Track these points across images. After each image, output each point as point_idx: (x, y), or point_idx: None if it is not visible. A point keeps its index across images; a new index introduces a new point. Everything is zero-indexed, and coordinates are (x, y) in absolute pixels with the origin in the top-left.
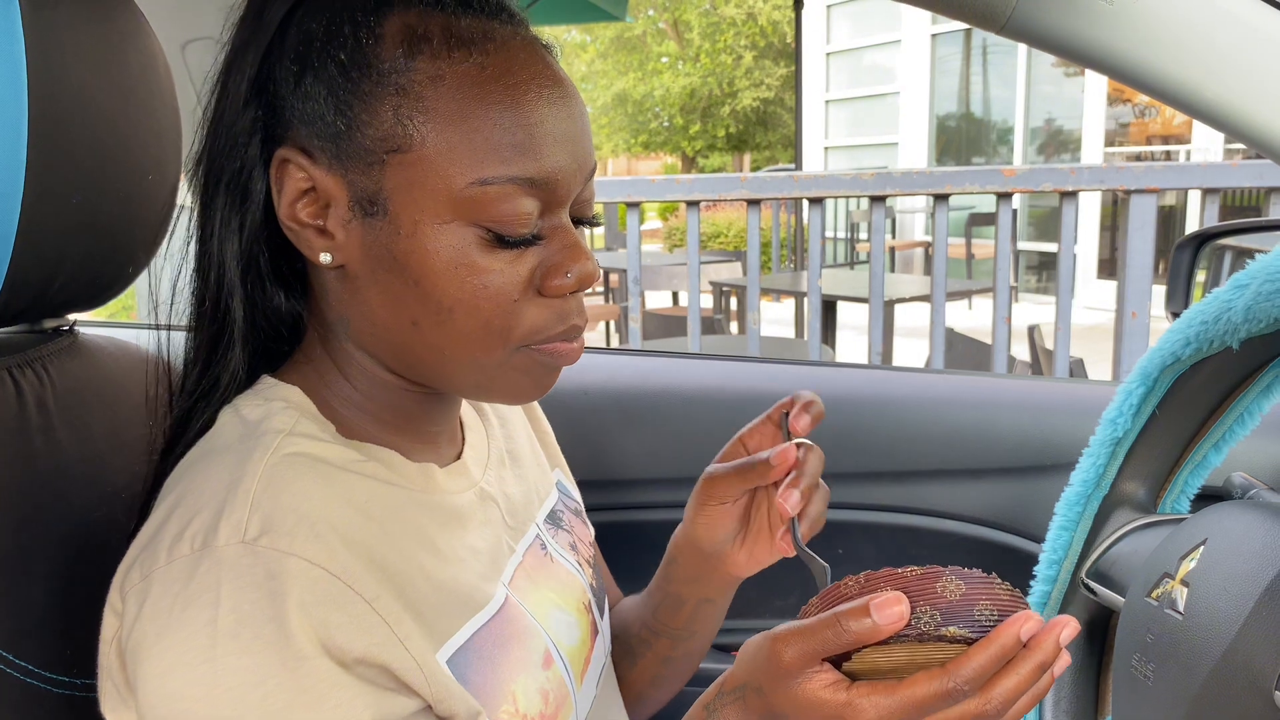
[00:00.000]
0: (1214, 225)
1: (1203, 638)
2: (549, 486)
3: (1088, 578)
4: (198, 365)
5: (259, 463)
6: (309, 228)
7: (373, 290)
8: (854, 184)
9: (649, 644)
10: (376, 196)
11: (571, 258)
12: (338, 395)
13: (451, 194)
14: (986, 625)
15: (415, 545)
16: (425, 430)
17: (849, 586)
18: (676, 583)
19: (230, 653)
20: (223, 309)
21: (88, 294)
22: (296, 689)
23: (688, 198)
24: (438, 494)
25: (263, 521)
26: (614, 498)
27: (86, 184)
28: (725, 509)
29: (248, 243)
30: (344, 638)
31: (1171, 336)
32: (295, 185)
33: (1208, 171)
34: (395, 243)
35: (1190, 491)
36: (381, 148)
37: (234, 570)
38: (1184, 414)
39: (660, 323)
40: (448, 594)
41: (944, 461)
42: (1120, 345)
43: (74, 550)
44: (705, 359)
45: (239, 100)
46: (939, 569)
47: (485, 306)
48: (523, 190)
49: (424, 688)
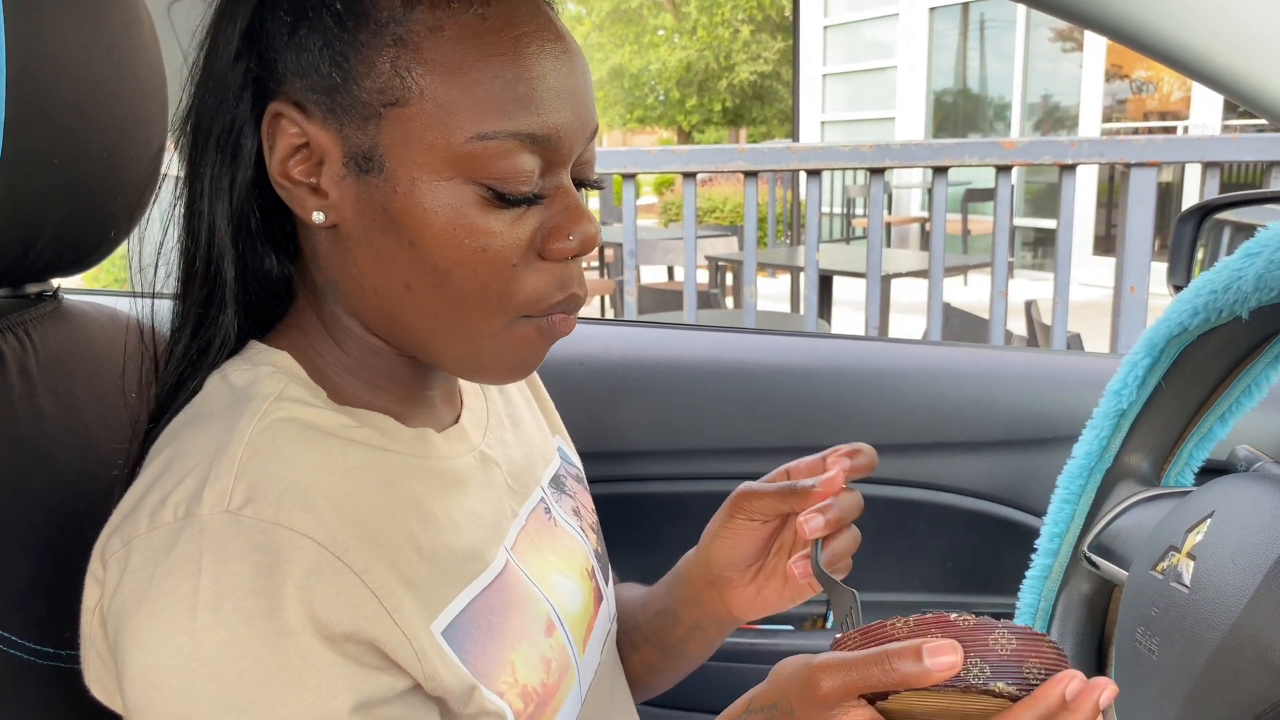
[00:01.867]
0: (1217, 197)
1: (1209, 611)
2: (551, 451)
3: (1090, 551)
4: (187, 329)
5: (245, 429)
6: (302, 185)
7: (365, 251)
8: (852, 156)
9: (636, 647)
10: (372, 152)
11: (573, 220)
12: (329, 360)
13: (450, 149)
14: (1032, 683)
15: (410, 513)
16: (421, 395)
17: (896, 628)
18: (676, 600)
19: (210, 625)
20: (213, 270)
21: (71, 258)
22: (276, 665)
23: (684, 169)
24: (435, 459)
25: (248, 490)
26: (609, 469)
27: (66, 144)
28: (752, 528)
29: (239, 202)
30: (331, 612)
31: (1179, 306)
32: (288, 141)
33: (1208, 145)
34: (391, 201)
35: (1195, 464)
36: (378, 101)
37: (217, 540)
38: (1190, 385)
39: (656, 297)
40: (443, 562)
41: (942, 434)
42: (1118, 320)
43: (60, 519)
44: (702, 330)
45: (229, 53)
46: (991, 621)
47: (484, 270)
48: (524, 146)
49: (413, 664)
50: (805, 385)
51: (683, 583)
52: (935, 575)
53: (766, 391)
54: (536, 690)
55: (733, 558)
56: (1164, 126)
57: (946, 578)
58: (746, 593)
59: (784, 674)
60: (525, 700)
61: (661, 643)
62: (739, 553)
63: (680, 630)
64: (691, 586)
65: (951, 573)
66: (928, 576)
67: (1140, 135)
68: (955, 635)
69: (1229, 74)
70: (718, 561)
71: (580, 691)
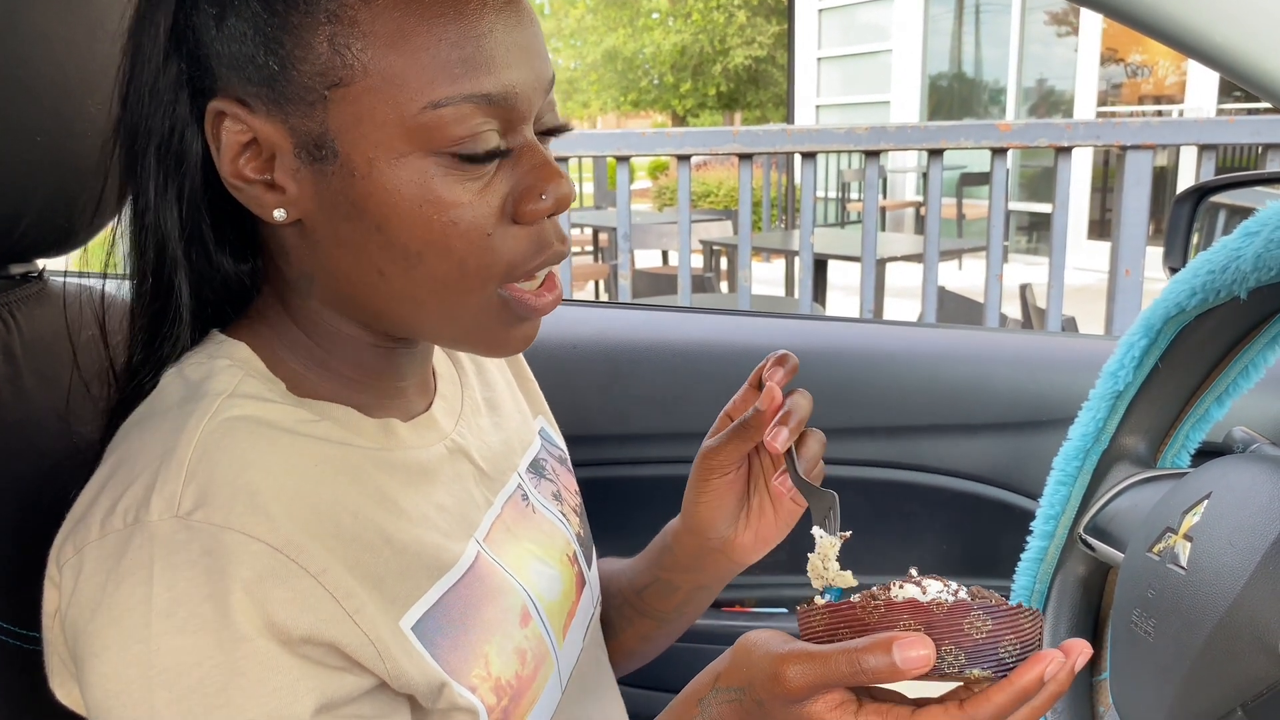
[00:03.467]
0: (1214, 178)
1: (1206, 593)
2: (531, 435)
3: (1085, 533)
4: (139, 344)
5: (195, 429)
6: (256, 183)
7: (333, 243)
8: (848, 138)
9: (630, 621)
10: (323, 139)
11: (544, 178)
12: (294, 351)
13: (403, 123)
14: (1009, 664)
15: (373, 508)
16: (391, 385)
17: (869, 611)
18: (670, 570)
19: (165, 633)
20: (165, 284)
21: (56, 238)
22: (234, 670)
23: (679, 151)
24: (399, 450)
25: (198, 493)
26: (604, 453)
27: (51, 122)
28: (726, 482)
29: (189, 211)
30: (287, 615)
31: (1176, 287)
32: (234, 139)
33: (1204, 127)
34: (350, 187)
35: (1191, 446)
36: (320, 84)
37: (167, 547)
38: (1187, 366)
39: (650, 281)
40: (411, 557)
41: (938, 416)
42: (1113, 303)
43: (45, 503)
44: (697, 313)
45: (157, 55)
46: (966, 602)
47: (458, 245)
48: (480, 109)
49: (376, 664)
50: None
51: (676, 555)
52: (930, 558)
53: None
54: (510, 683)
55: (719, 516)
56: (1158, 110)
57: (941, 560)
58: (744, 540)
59: (750, 659)
60: (498, 694)
61: (659, 613)
62: (723, 509)
63: (679, 596)
64: (688, 556)
65: (946, 555)
66: (922, 559)
67: (1136, 118)
68: (928, 621)
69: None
70: (706, 525)
71: (560, 680)
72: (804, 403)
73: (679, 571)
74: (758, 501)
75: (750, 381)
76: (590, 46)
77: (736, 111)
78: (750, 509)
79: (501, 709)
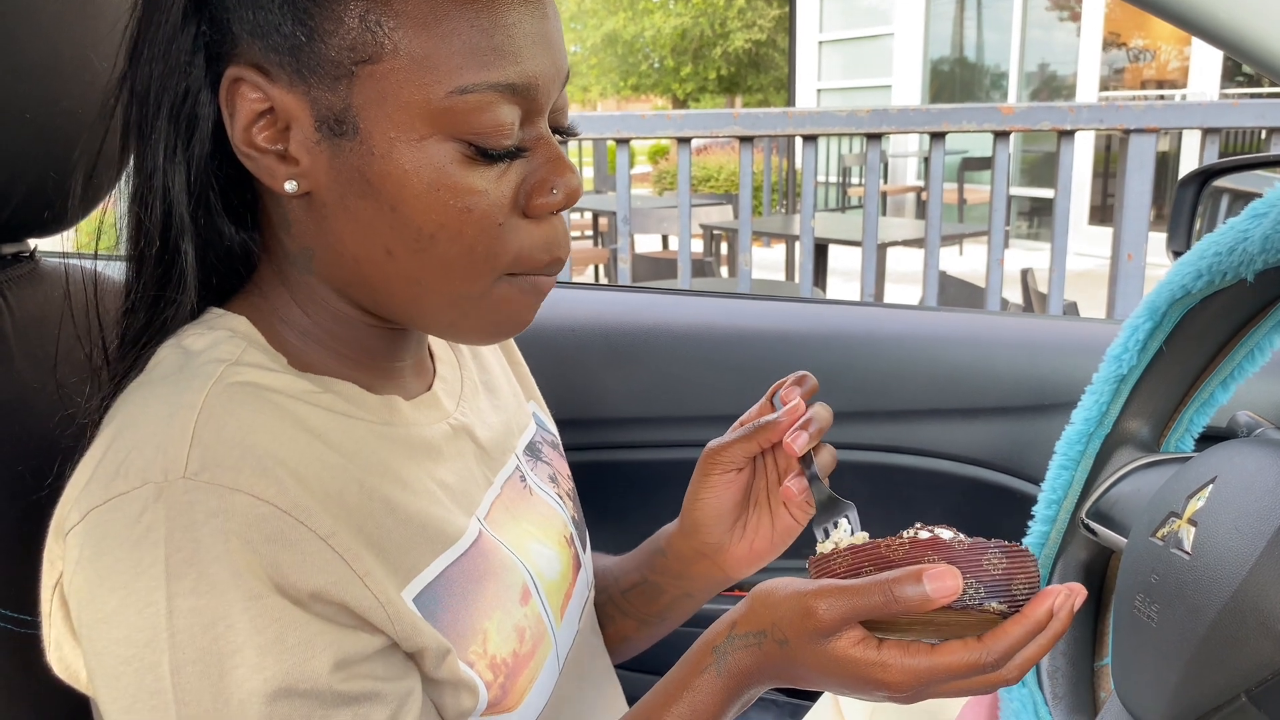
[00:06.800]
0: (1219, 161)
1: (1211, 578)
2: (526, 418)
3: (1088, 518)
4: (142, 310)
5: (199, 393)
6: (268, 154)
7: (342, 219)
8: (849, 121)
9: (612, 620)
10: (345, 114)
11: (556, 171)
12: (292, 327)
13: (428, 106)
14: (1020, 600)
15: (378, 478)
16: (388, 366)
17: (892, 549)
18: (659, 573)
19: (177, 594)
20: (171, 248)
21: (47, 217)
22: (250, 629)
23: (679, 134)
24: (403, 426)
25: (204, 455)
26: (602, 437)
27: (40, 99)
28: (729, 479)
29: (197, 175)
30: (297, 576)
31: (1182, 269)
32: (250, 107)
33: (1208, 110)
34: (368, 164)
35: (1195, 430)
36: (349, 59)
37: (176, 508)
38: (1192, 350)
39: (650, 266)
40: (415, 529)
41: (938, 400)
42: (1115, 288)
43: (36, 485)
44: (697, 296)
45: (175, 16)
46: (983, 542)
47: (469, 231)
48: (503, 98)
49: (387, 625)
50: (800, 351)
51: (667, 558)
52: None
53: (761, 357)
54: (506, 661)
55: (716, 517)
56: (1160, 95)
57: None
58: (738, 550)
59: (772, 600)
60: (494, 671)
61: (641, 614)
62: (721, 509)
63: (664, 600)
64: (679, 560)
65: None
66: None
67: (1139, 101)
68: (951, 558)
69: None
70: (703, 526)
71: (558, 660)
72: (825, 414)
73: (668, 576)
74: (756, 516)
75: (767, 397)
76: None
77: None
78: (748, 521)
79: (499, 686)
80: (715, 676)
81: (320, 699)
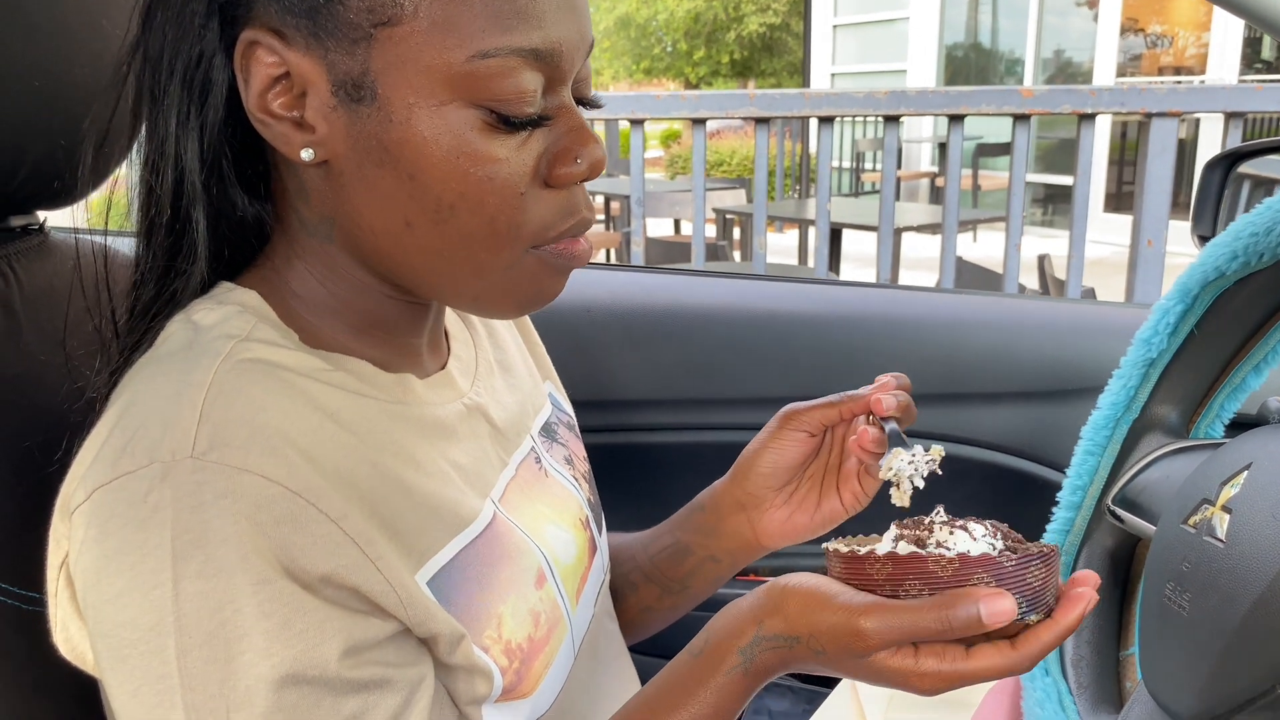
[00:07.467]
0: (1246, 144)
1: (1246, 566)
2: (542, 398)
3: (1114, 505)
4: (152, 281)
5: (209, 370)
6: (284, 120)
7: (360, 187)
8: (867, 102)
9: (635, 587)
10: (363, 79)
11: (579, 141)
12: (306, 301)
13: (449, 70)
14: (1051, 605)
15: (391, 458)
16: (405, 341)
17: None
18: (692, 531)
19: (183, 577)
20: (183, 217)
21: (57, 189)
22: (257, 614)
23: (694, 115)
24: (417, 405)
25: (212, 434)
26: (617, 419)
27: (48, 67)
28: (799, 440)
29: (210, 142)
30: (307, 560)
31: (1215, 251)
32: (265, 72)
33: (1231, 95)
34: (386, 131)
35: (1226, 416)
36: (368, 21)
37: (184, 488)
38: (1224, 333)
39: (663, 250)
40: (429, 510)
41: (959, 385)
42: (1134, 274)
43: (44, 459)
44: (712, 277)
45: None
46: (1029, 554)
47: (490, 201)
48: (526, 63)
49: (400, 610)
50: (818, 334)
51: (705, 512)
52: None
53: (778, 340)
54: (521, 646)
55: (772, 471)
56: (1178, 82)
57: None
58: (777, 515)
59: (808, 608)
60: (509, 656)
61: (664, 579)
62: (779, 465)
63: (690, 563)
64: (716, 512)
65: None
66: None
67: (1161, 84)
68: (1000, 576)
69: None
70: (755, 474)
71: (573, 645)
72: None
73: (700, 533)
74: (804, 491)
75: None
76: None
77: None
78: (795, 492)
79: (514, 671)
80: (741, 675)
81: (329, 686)
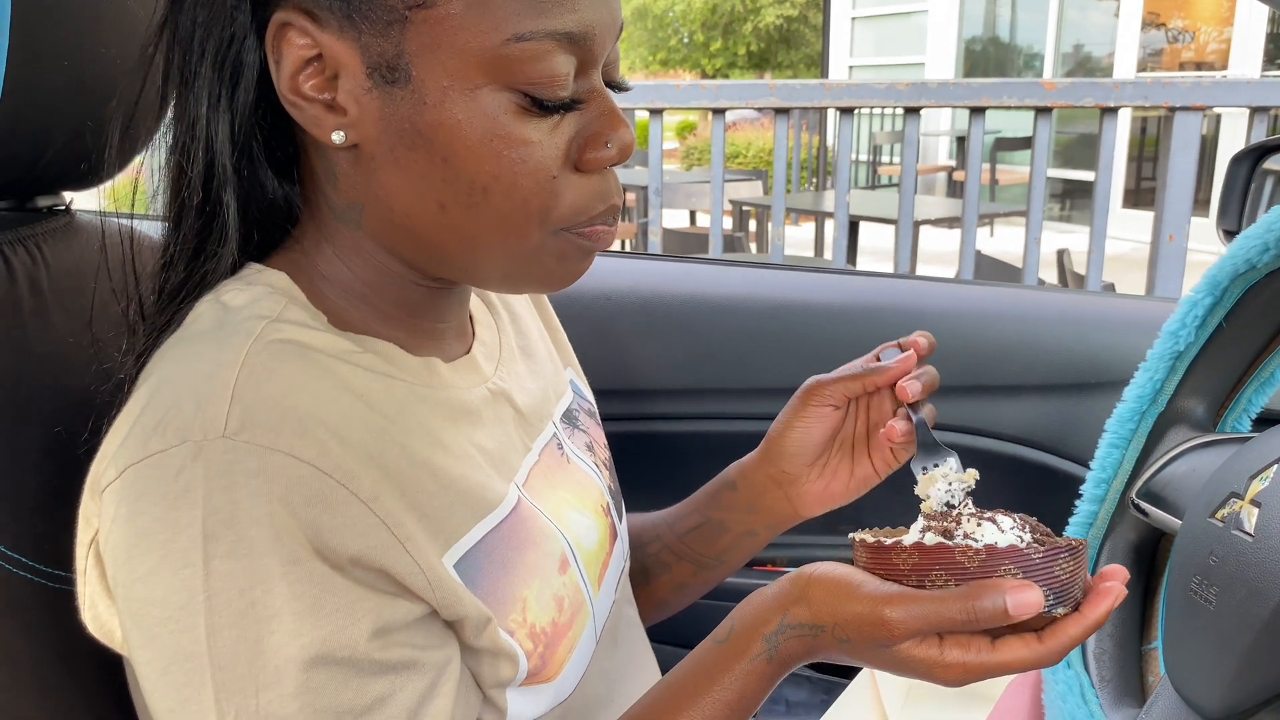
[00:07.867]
0: (1273, 138)
1: (1275, 560)
2: (564, 385)
3: (1138, 498)
4: (182, 263)
5: (240, 350)
6: (315, 102)
7: (392, 171)
8: (888, 94)
9: (667, 567)
10: (397, 61)
11: (610, 125)
12: (333, 284)
13: (484, 53)
14: (1078, 599)
15: (420, 440)
16: (431, 326)
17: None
18: (726, 509)
19: (214, 556)
20: (213, 199)
21: (84, 170)
22: (288, 594)
23: (714, 105)
24: (443, 389)
25: (244, 414)
26: (635, 407)
27: (78, 45)
28: (824, 414)
29: (241, 124)
30: (337, 540)
31: (1246, 243)
32: (297, 54)
33: (1256, 89)
34: (420, 114)
35: (1253, 410)
36: (403, 3)
37: (215, 468)
38: (1254, 326)
39: (679, 241)
40: (457, 493)
41: (981, 377)
42: (1155, 269)
43: (72, 439)
44: (732, 265)
45: None
46: (1056, 546)
47: (524, 184)
48: (560, 47)
49: (428, 592)
50: (838, 324)
51: (737, 491)
52: None
53: (797, 330)
54: (545, 630)
55: (801, 448)
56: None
57: None
58: (814, 488)
59: (834, 597)
60: (534, 640)
61: (699, 557)
62: (808, 442)
63: (726, 540)
64: (751, 491)
65: None
66: None
67: (1186, 77)
68: (1027, 568)
69: None
70: (786, 454)
71: (595, 630)
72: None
73: (735, 510)
74: (838, 459)
75: (873, 355)
76: None
77: (767, 71)
78: (828, 462)
79: (538, 655)
80: (765, 663)
81: (357, 667)
